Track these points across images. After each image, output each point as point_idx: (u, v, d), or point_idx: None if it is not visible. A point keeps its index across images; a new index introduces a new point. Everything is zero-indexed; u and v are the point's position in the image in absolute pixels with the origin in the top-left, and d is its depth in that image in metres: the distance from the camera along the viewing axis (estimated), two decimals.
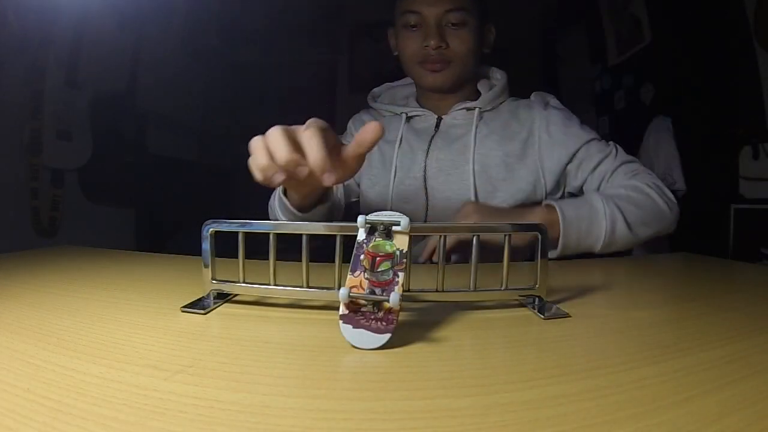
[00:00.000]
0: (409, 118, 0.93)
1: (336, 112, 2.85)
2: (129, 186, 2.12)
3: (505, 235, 0.39)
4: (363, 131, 0.48)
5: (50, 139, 1.70)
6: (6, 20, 1.51)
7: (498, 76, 0.94)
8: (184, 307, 0.39)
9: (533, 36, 2.78)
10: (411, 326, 0.37)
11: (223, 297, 0.41)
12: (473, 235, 0.39)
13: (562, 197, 0.87)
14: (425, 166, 0.87)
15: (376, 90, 1.02)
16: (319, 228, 0.38)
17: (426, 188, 0.87)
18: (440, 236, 0.40)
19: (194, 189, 2.39)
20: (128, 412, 0.22)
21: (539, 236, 0.38)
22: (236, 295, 0.42)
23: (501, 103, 0.91)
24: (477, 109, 0.88)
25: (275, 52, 2.87)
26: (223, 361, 0.29)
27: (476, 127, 0.86)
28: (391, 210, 0.39)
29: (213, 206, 0.73)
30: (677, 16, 1.85)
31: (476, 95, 0.91)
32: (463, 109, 0.89)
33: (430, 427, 0.21)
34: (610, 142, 0.86)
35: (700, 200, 1.60)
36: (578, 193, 0.86)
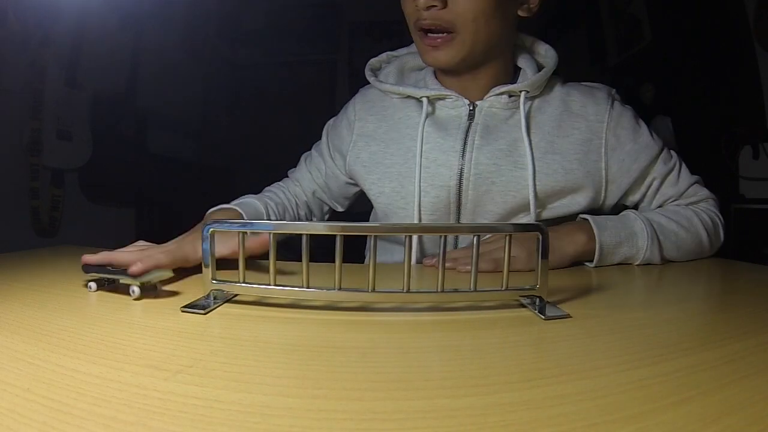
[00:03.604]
0: (429, 102, 0.71)
1: (335, 112, 2.85)
2: (129, 186, 2.12)
3: (506, 236, 0.39)
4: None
5: (50, 139, 1.71)
6: (6, 19, 1.51)
7: (543, 51, 0.73)
8: (184, 307, 0.39)
9: (533, 36, 2.78)
10: (411, 326, 0.37)
11: (223, 297, 0.41)
12: (474, 236, 0.39)
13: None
14: (461, 172, 0.68)
15: (374, 61, 0.79)
16: (320, 228, 0.38)
17: (459, 201, 0.69)
18: (441, 237, 0.40)
19: (194, 189, 2.39)
20: (128, 412, 0.22)
21: (540, 237, 0.38)
22: (236, 295, 0.42)
23: (551, 88, 0.71)
24: (523, 93, 0.68)
25: (275, 52, 2.87)
26: (223, 361, 0.29)
27: (527, 119, 0.67)
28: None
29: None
30: (677, 16, 1.85)
31: (514, 72, 0.72)
32: (504, 93, 0.68)
33: (430, 427, 0.21)
34: (672, 153, 0.73)
35: None
36: (632, 206, 0.74)
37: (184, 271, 0.58)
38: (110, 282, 0.45)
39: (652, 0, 2.00)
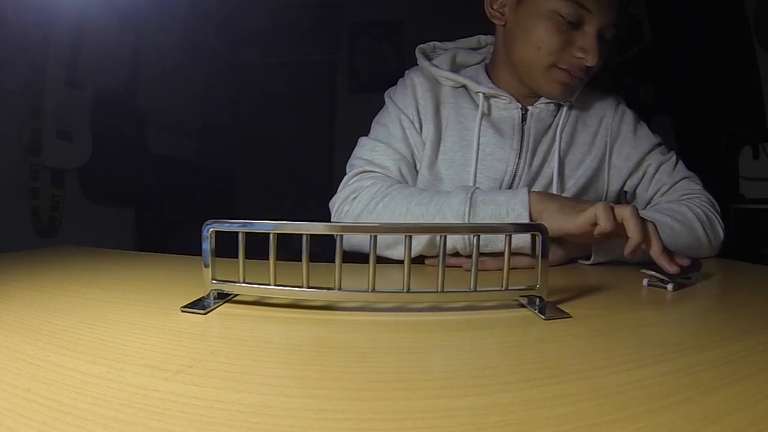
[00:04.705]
0: (485, 98, 0.76)
1: (336, 112, 2.86)
2: (129, 186, 2.12)
3: (506, 236, 0.39)
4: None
5: (50, 139, 1.70)
6: (6, 19, 1.51)
7: None
8: (184, 307, 0.39)
9: None
10: (411, 326, 0.37)
11: (223, 297, 0.41)
12: (474, 236, 0.39)
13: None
14: (515, 172, 0.74)
15: (424, 46, 0.83)
16: (320, 228, 0.38)
17: None
18: (440, 236, 0.40)
19: (194, 189, 2.39)
20: (128, 412, 0.22)
21: (540, 236, 0.38)
22: (236, 295, 0.42)
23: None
24: (568, 102, 0.77)
25: (275, 52, 2.87)
26: (223, 361, 0.29)
27: (563, 124, 0.76)
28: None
29: (213, 206, 0.72)
30: (677, 16, 1.85)
31: None
32: (553, 102, 0.77)
33: (430, 427, 0.21)
34: (671, 150, 0.81)
35: None
36: (631, 191, 0.81)
37: (184, 271, 0.58)
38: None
39: (652, 0, 2.00)
